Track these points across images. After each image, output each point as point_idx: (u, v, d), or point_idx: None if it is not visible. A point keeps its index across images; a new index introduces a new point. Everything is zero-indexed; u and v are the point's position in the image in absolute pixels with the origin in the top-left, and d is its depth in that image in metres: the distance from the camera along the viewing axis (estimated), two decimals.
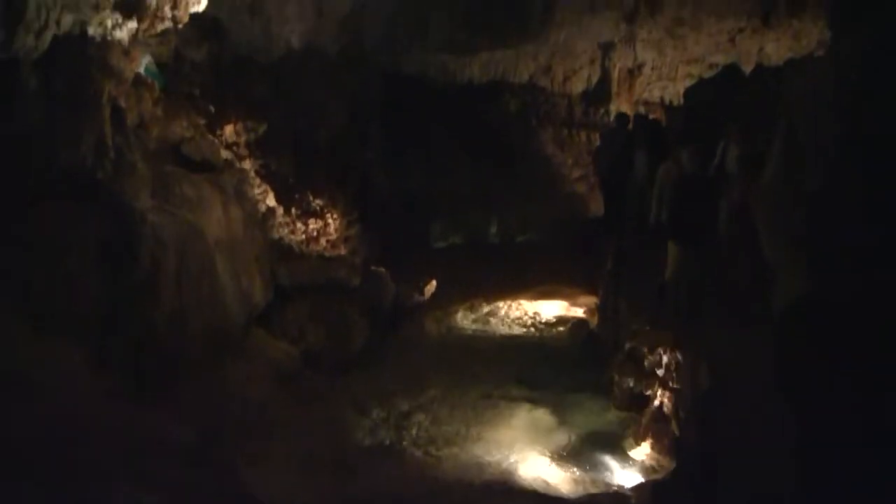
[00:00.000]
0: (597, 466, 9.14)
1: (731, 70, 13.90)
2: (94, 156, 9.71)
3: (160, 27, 10.53)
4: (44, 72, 9.78)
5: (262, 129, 13.15)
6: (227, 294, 10.64)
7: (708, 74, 15.99)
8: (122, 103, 10.60)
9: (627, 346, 10.49)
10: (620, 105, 18.81)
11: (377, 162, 16.18)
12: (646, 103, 18.82)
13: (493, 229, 18.94)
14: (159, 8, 10.17)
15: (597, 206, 16.66)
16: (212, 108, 12.65)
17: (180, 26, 10.68)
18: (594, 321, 13.14)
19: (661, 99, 18.76)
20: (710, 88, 13.42)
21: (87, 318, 8.38)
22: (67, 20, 10.08)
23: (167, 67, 12.74)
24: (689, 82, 16.42)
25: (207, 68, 13.35)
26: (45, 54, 9.93)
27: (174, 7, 10.26)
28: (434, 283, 14.30)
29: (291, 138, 13.69)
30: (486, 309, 14.37)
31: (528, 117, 19.96)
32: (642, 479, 8.72)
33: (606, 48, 18.25)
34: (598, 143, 16.58)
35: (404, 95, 17.66)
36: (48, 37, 9.96)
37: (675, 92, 18.00)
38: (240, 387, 9.78)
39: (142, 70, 11.65)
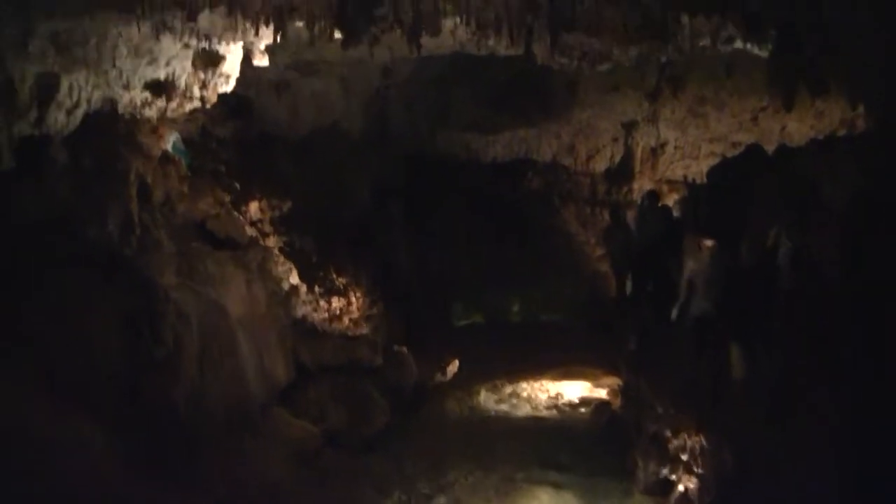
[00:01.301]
0: None
1: (755, 150, 13.87)
2: (120, 232, 9.77)
3: (189, 107, 10.67)
4: (74, 148, 9.89)
5: (287, 206, 13.22)
6: (249, 372, 10.58)
7: (731, 153, 15.99)
8: (150, 180, 10.69)
9: (650, 429, 10.33)
10: (643, 184, 18.80)
11: (400, 241, 16.16)
12: (668, 182, 18.81)
13: (516, 308, 18.83)
14: (188, 88, 10.31)
15: None
16: (237, 185, 12.74)
17: (208, 106, 10.81)
18: (617, 403, 12.98)
19: (684, 177, 18.74)
20: (734, 169, 13.39)
21: (107, 392, 8.36)
22: (98, 98, 10.23)
23: (194, 144, 12.88)
24: (711, 161, 16.42)
25: (234, 145, 13.50)
26: (75, 131, 10.06)
27: (203, 87, 10.40)
28: (456, 362, 14.19)
29: (315, 216, 13.73)
30: (508, 389, 14.21)
31: (551, 196, 19.96)
32: None
33: (629, 127, 18.30)
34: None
35: (427, 174, 17.73)
36: (79, 114, 10.12)
37: (697, 170, 17.98)
38: (259, 465, 9.67)
39: (169, 147, 11.77)
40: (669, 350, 10.79)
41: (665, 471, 9.83)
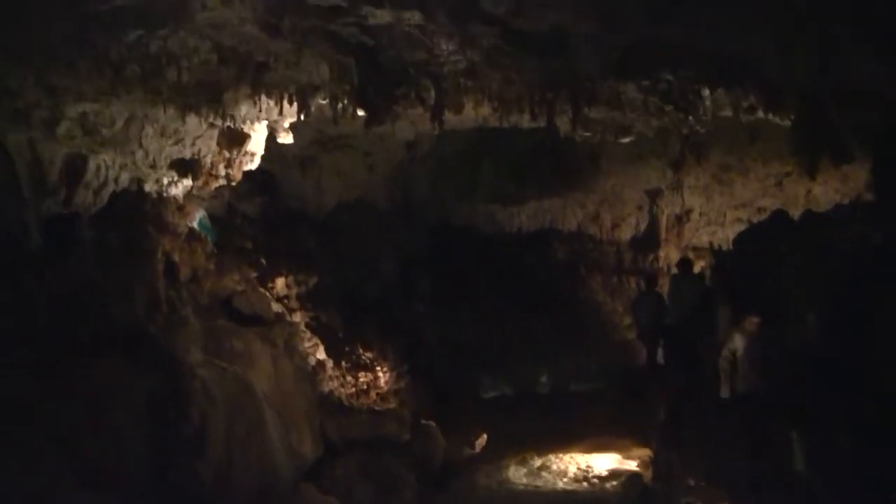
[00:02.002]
0: None
1: (781, 216, 13.78)
2: (146, 310, 9.79)
3: (214, 185, 10.76)
4: (101, 226, 9.97)
5: (313, 282, 13.26)
6: (276, 449, 10.51)
7: (757, 219, 15.92)
8: (176, 257, 10.75)
9: (683, 503, 10.16)
10: (669, 251, 18.74)
11: (426, 314, 16.16)
12: (694, 249, 18.72)
13: (544, 379, 18.66)
14: (214, 167, 10.42)
15: None
16: (263, 262, 12.79)
17: (234, 184, 10.90)
18: (648, 475, 12.78)
19: (710, 244, 18.66)
20: (761, 235, 13.30)
21: (133, 472, 8.32)
22: (125, 177, 10.37)
23: (220, 221, 12.97)
24: (737, 227, 16.35)
25: (259, 221, 13.59)
26: (102, 209, 10.17)
27: (228, 166, 10.51)
28: (484, 436, 14.04)
29: (342, 291, 13.76)
30: (537, 462, 14.03)
31: (577, 265, 19.91)
32: None
33: (654, 195, 18.31)
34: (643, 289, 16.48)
35: (452, 246, 17.76)
36: (106, 193, 10.24)
37: (723, 237, 17.90)
38: None
39: (195, 224, 11.86)
40: (703, 422, 10.65)
41: None
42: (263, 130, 10.71)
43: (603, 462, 13.97)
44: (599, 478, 13.38)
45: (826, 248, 9.66)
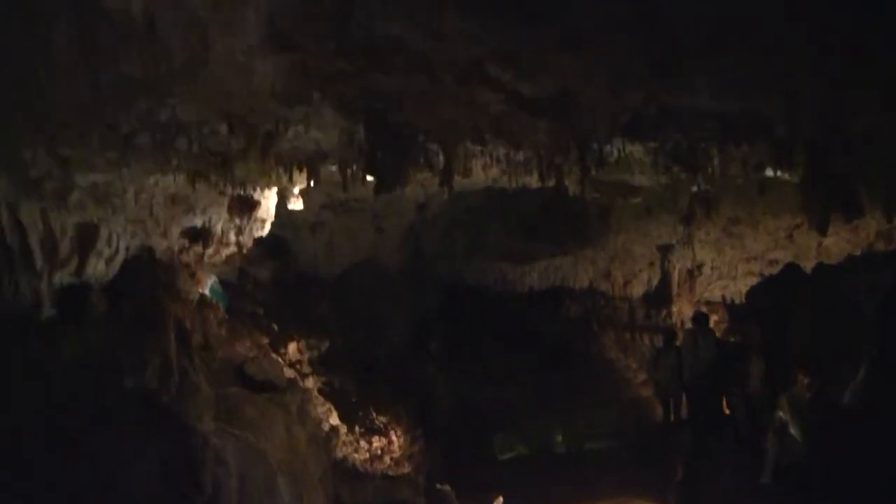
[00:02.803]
0: None
1: (793, 269, 13.72)
2: (158, 378, 9.77)
3: (225, 252, 10.79)
4: (112, 295, 9.99)
5: (325, 346, 13.26)
6: None
7: (769, 271, 15.89)
8: (188, 324, 10.75)
9: None
10: (682, 306, 18.68)
11: (439, 375, 16.10)
12: (707, 303, 18.65)
13: (559, 438, 18.50)
14: (224, 234, 10.44)
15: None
16: (275, 327, 12.80)
17: (244, 251, 10.93)
18: None
19: (723, 298, 18.60)
20: (774, 289, 13.24)
21: None
22: (136, 246, 10.39)
23: (231, 286, 12.99)
24: (749, 280, 16.32)
25: (271, 286, 13.61)
26: (114, 278, 10.19)
27: (239, 233, 10.53)
28: (500, 498, 13.90)
29: (354, 354, 13.74)
30: None
31: (590, 322, 19.85)
32: None
33: (665, 250, 18.29)
34: (660, 345, 16.36)
35: (464, 305, 17.74)
36: (118, 261, 10.26)
37: (736, 290, 17.86)
38: None
39: (207, 291, 11.87)
40: (722, 482, 10.50)
41: None
42: (273, 197, 10.77)
43: None
44: None
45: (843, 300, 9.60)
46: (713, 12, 5.09)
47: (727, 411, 12.08)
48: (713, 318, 15.99)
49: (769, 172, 9.00)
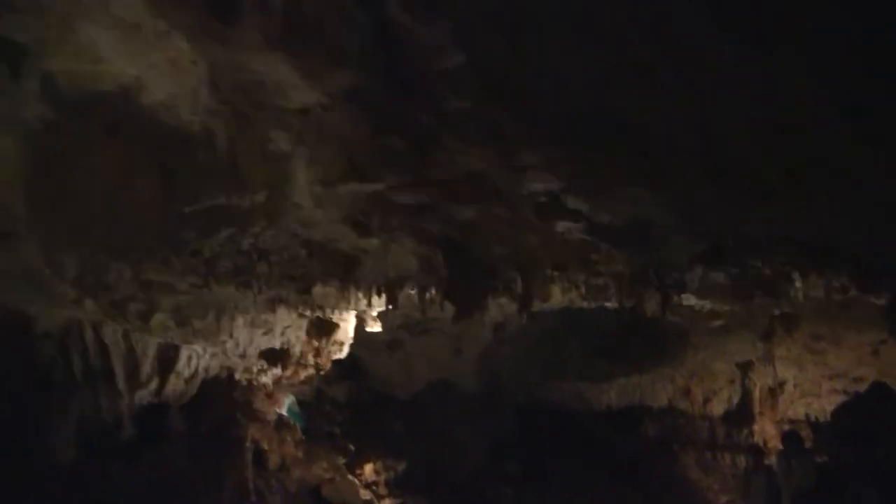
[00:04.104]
0: None
1: (880, 388, 13.32)
2: (235, 499, 9.78)
3: (304, 374, 10.85)
4: (191, 415, 10.09)
5: (402, 467, 13.16)
6: None
7: (853, 389, 15.47)
8: (265, 445, 10.78)
9: None
10: (764, 425, 18.23)
11: (516, 497, 15.82)
12: (790, 422, 18.18)
13: None
14: (303, 356, 10.51)
15: None
16: (351, 447, 12.75)
17: (322, 372, 10.98)
18: None
19: (807, 416, 18.12)
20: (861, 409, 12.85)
21: None
22: (215, 366, 10.51)
23: (308, 406, 13.02)
24: (834, 398, 15.88)
25: (347, 406, 13.61)
26: (192, 398, 10.31)
27: (317, 355, 10.60)
28: None
29: (430, 476, 13.59)
30: None
31: (669, 442, 19.46)
32: None
33: (745, 367, 17.95)
34: (744, 466, 15.96)
35: (540, 425, 17.53)
36: (197, 382, 10.38)
37: (820, 408, 17.38)
38: None
39: (284, 411, 11.92)
40: None
41: None
42: (352, 320, 10.85)
43: None
44: None
45: None
46: (795, 144, 5.07)
47: None
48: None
49: (853, 293, 8.81)
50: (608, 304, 10.29)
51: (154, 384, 9.97)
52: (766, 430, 17.56)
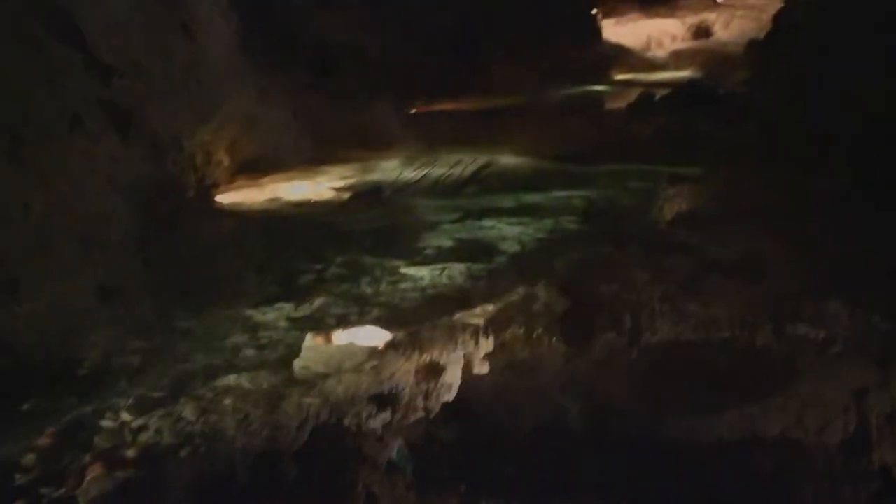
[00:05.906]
0: None
1: None
2: None
3: (413, 417, 10.92)
4: (302, 462, 10.22)
5: None
6: None
7: None
8: (376, 490, 10.83)
9: None
10: (884, 454, 17.66)
11: None
12: None
13: None
14: (412, 400, 10.59)
15: None
16: (462, 489, 12.73)
17: (431, 416, 11.04)
18: None
19: None
20: None
21: None
22: (325, 413, 10.65)
23: (418, 449, 13.04)
24: None
25: (457, 448, 13.59)
26: (303, 444, 10.45)
27: (426, 398, 10.67)
28: None
29: None
30: None
31: (783, 472, 18.98)
32: None
33: (860, 394, 17.46)
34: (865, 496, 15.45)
35: (651, 460, 17.24)
36: (307, 429, 10.53)
37: None
38: None
39: (394, 455, 11.96)
40: None
41: None
42: (460, 361, 10.88)
43: None
44: None
45: None
46: None
47: None
48: None
49: None
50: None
51: (266, 432, 10.13)
52: (886, 458, 17.03)
